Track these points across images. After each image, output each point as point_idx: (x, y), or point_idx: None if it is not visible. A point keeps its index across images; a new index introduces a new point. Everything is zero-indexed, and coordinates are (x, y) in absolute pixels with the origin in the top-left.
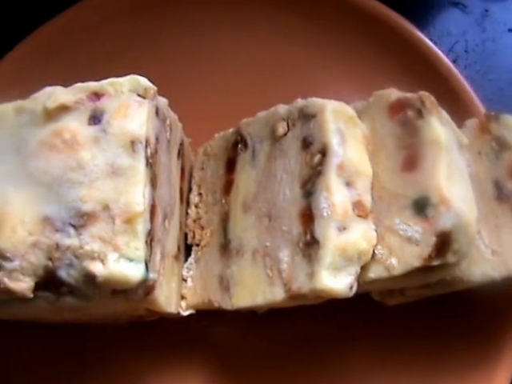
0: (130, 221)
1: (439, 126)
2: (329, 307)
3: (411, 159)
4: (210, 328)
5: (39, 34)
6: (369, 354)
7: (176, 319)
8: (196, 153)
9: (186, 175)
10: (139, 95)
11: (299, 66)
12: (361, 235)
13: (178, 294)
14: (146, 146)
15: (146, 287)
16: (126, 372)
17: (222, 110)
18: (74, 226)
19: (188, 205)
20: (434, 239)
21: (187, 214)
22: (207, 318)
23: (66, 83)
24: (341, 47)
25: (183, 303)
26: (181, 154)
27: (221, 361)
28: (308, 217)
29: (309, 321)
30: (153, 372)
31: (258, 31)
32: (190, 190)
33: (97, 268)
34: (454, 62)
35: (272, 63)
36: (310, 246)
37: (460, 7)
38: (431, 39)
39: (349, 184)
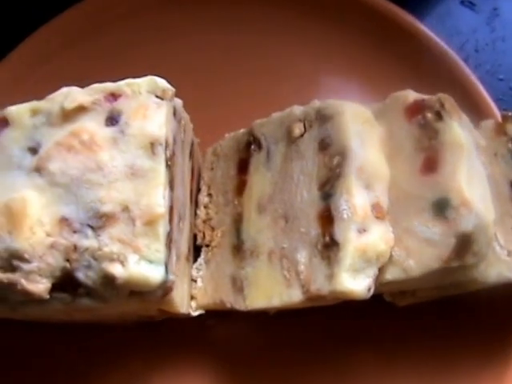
0: (151, 223)
1: (460, 129)
2: (338, 308)
3: (430, 161)
4: (217, 328)
5: (41, 34)
6: (378, 354)
7: (182, 319)
8: (204, 153)
9: (194, 176)
10: (157, 96)
11: (310, 67)
12: (379, 237)
13: (188, 294)
14: (166, 148)
15: (164, 289)
16: (132, 372)
17: (229, 110)
18: (92, 228)
19: (197, 205)
20: (453, 241)
21: (196, 214)
22: (214, 318)
23: (73, 82)
24: (351, 48)
25: (193, 303)
26: (191, 154)
27: (227, 360)
28: (327, 218)
29: (318, 321)
30: (159, 372)
31: (270, 32)
32: (198, 190)
33: (116, 270)
34: (464, 61)
35: (282, 64)
36: (329, 247)
37: (469, 6)
38: (441, 38)
39: (367, 186)
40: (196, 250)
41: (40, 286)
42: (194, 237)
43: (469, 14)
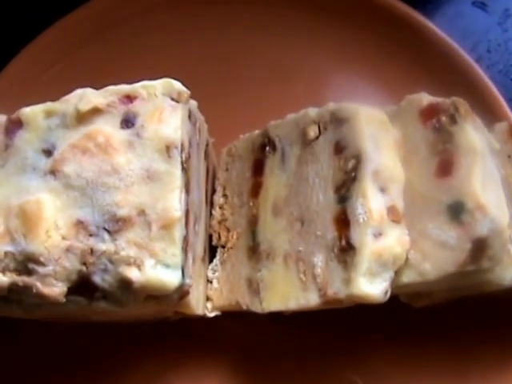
0: (167, 227)
1: (474, 133)
2: (354, 309)
3: (445, 165)
4: (233, 329)
5: (51, 34)
6: (394, 355)
7: (198, 320)
8: (219, 153)
9: (209, 176)
10: (172, 99)
11: (324, 69)
12: (395, 240)
13: (204, 295)
14: (182, 151)
15: (181, 292)
16: (147, 371)
17: (244, 111)
18: (108, 231)
19: (212, 206)
20: (469, 245)
21: (211, 215)
22: (230, 318)
23: (86, 84)
24: (364, 49)
25: (209, 305)
26: (206, 155)
27: (243, 361)
28: (343, 222)
29: (334, 322)
30: (175, 372)
31: (285, 34)
32: (213, 190)
33: (133, 274)
34: (476, 61)
35: (297, 66)
36: (345, 251)
37: (481, 7)
38: (453, 39)
39: (383, 189)
40: (211, 251)
41: (56, 290)
42: (210, 237)
43: (481, 14)
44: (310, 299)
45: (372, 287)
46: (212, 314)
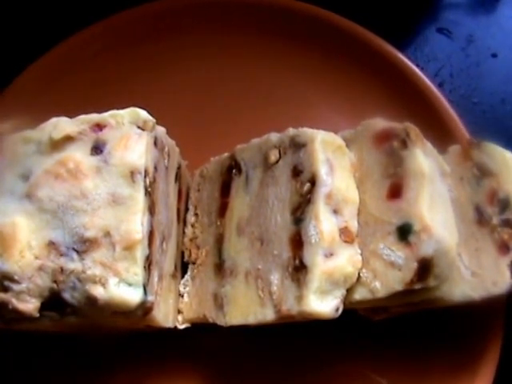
0: (129, 248)
1: (423, 157)
2: (320, 321)
3: (396, 188)
4: (206, 339)
5: (40, 64)
6: (359, 365)
7: (174, 331)
8: (193, 174)
9: (183, 196)
10: (139, 127)
11: (292, 94)
12: (346, 260)
13: (174, 309)
14: (145, 176)
15: (144, 309)
16: (123, 381)
17: (218, 133)
18: (77, 251)
19: (185, 224)
20: (415, 264)
21: (184, 233)
22: (204, 330)
23: (68, 112)
24: (331, 75)
25: (180, 317)
26: (178, 176)
27: (216, 371)
28: (297, 242)
29: (301, 333)
30: (150, 381)
31: (254, 61)
32: (186, 209)
33: (98, 291)
34: (439, 86)
35: (266, 91)
36: (298, 270)
37: (446, 33)
38: (418, 65)
39: (336, 211)
40: (184, 267)
41: (29, 306)
42: (183, 254)
43: (445, 40)
44: (267, 315)
45: (322, 304)
46: (182, 327)
